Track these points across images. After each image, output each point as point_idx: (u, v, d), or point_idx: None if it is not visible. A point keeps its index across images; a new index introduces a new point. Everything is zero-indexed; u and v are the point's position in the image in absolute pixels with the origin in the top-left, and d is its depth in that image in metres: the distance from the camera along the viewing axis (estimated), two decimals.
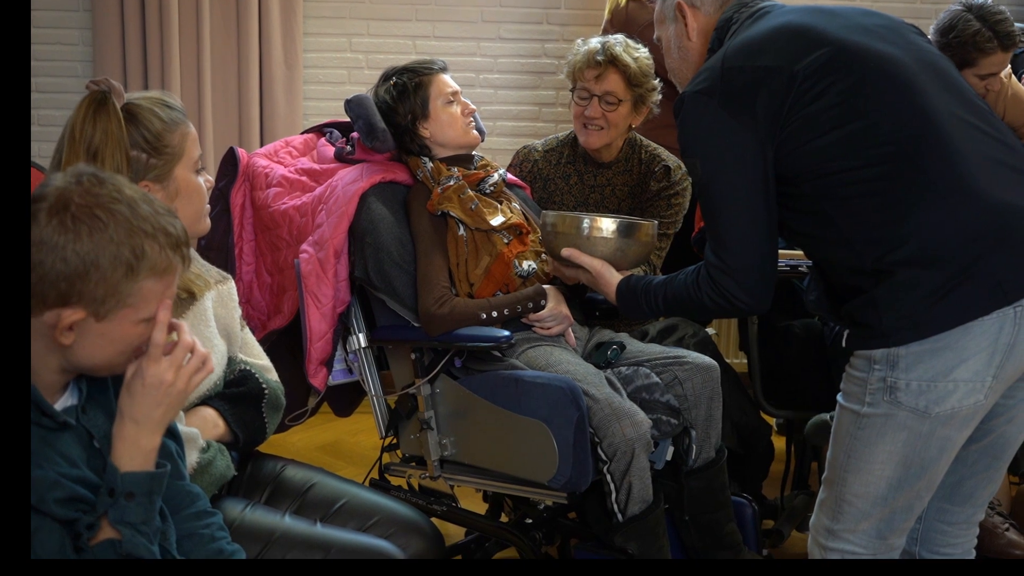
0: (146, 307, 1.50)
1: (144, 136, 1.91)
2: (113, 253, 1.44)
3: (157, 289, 1.50)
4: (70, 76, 4.36)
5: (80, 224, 1.44)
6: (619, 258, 2.43)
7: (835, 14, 2.03)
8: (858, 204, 1.88)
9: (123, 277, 1.46)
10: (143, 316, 1.50)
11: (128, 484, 1.51)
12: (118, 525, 1.50)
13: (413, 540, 2.05)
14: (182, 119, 1.97)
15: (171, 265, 1.51)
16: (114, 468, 1.51)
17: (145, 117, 1.92)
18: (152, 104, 1.95)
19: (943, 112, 1.89)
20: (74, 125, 1.84)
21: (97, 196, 1.46)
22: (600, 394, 2.45)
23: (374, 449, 2.84)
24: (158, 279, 1.49)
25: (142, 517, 1.51)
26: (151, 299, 1.50)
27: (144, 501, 1.52)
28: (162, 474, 1.55)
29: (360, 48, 4.50)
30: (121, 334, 1.50)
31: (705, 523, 2.65)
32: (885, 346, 1.84)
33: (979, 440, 2.00)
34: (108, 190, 1.48)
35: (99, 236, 1.44)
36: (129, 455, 1.52)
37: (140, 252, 1.46)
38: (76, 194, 1.46)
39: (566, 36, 4.52)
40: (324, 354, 2.66)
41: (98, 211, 1.45)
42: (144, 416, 1.53)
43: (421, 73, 2.79)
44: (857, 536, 1.98)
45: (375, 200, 2.69)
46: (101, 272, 1.44)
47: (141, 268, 1.47)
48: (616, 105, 3.00)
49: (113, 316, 1.47)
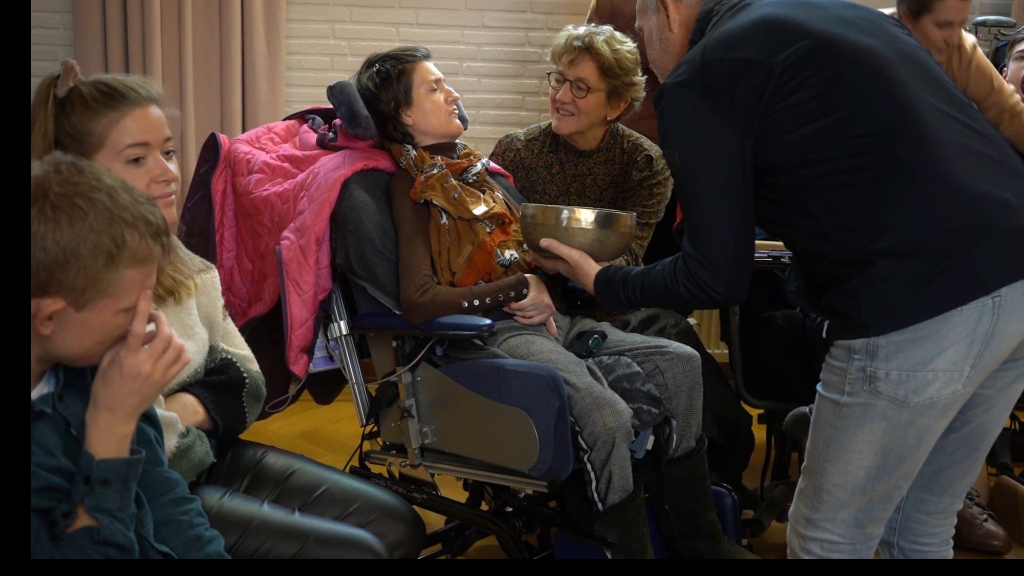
0: (126, 297, 1.49)
1: (70, 123, 1.85)
2: (93, 242, 1.43)
3: (137, 278, 1.49)
4: (51, 60, 4.31)
5: (60, 213, 1.42)
6: (598, 249, 2.43)
7: (816, 6, 2.03)
8: (837, 195, 1.89)
9: (103, 266, 1.44)
10: (123, 306, 1.49)
11: (104, 471, 1.50)
12: (95, 512, 1.49)
13: (394, 527, 2.05)
14: (119, 103, 1.86)
15: (151, 254, 1.50)
16: (89, 456, 1.51)
17: (75, 103, 1.85)
18: (93, 86, 1.87)
19: (921, 103, 1.90)
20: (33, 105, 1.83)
21: (76, 185, 1.45)
22: (581, 383, 2.45)
23: (355, 437, 2.84)
24: (138, 268, 1.49)
25: (118, 504, 1.51)
26: (131, 288, 1.49)
27: (120, 488, 1.51)
28: (137, 460, 1.55)
29: (343, 35, 4.49)
30: (100, 323, 1.49)
31: (685, 512, 2.66)
32: (865, 336, 1.85)
33: (957, 430, 2.01)
34: (87, 178, 1.47)
35: (79, 225, 1.43)
36: (104, 442, 1.52)
37: (121, 241, 1.45)
38: (55, 183, 1.44)
39: (550, 25, 4.51)
40: (305, 341, 2.66)
41: (78, 200, 1.44)
42: (119, 405, 1.52)
43: (404, 60, 2.78)
44: (836, 525, 1.99)
45: (357, 187, 2.69)
46: (81, 261, 1.43)
47: (122, 257, 1.46)
48: (586, 92, 2.98)
49: (93, 306, 1.46)
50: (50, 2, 4.29)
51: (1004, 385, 1.99)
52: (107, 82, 1.89)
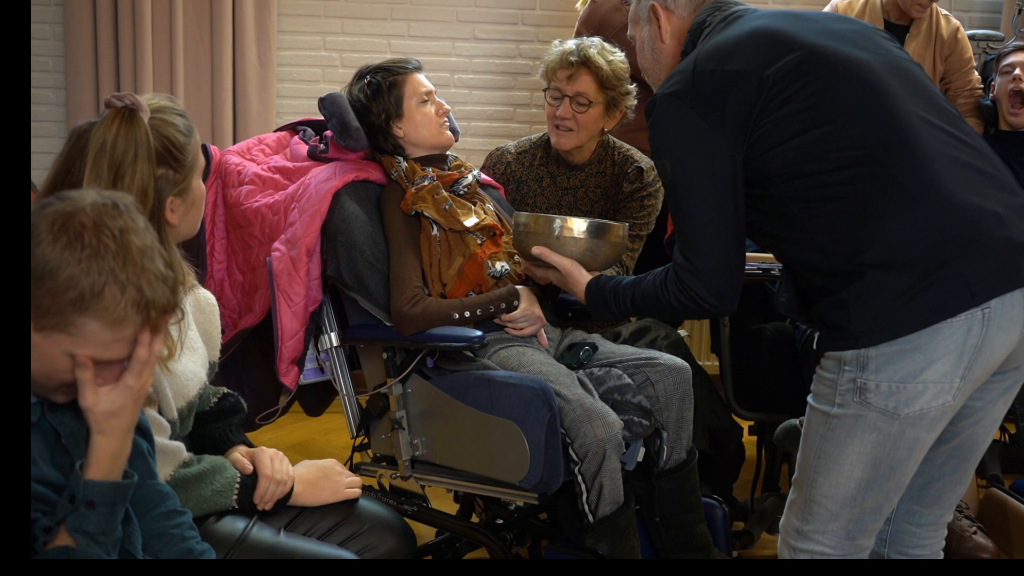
0: (83, 345, 1.43)
1: (170, 151, 1.83)
2: (72, 275, 1.39)
3: (103, 336, 1.43)
4: (42, 71, 4.33)
5: (63, 234, 1.40)
6: (589, 258, 2.43)
7: (807, 19, 2.05)
8: (827, 207, 1.89)
9: (70, 304, 1.40)
10: (76, 351, 1.43)
11: (90, 492, 1.46)
12: (74, 533, 1.45)
13: (386, 538, 2.05)
14: (193, 126, 1.90)
15: (125, 320, 1.43)
16: (78, 474, 1.47)
17: (168, 131, 1.83)
18: (169, 115, 1.86)
19: (911, 116, 1.91)
20: (103, 141, 1.74)
21: (100, 224, 1.42)
22: (572, 395, 2.45)
23: (345, 449, 2.83)
24: (106, 327, 1.42)
25: (101, 527, 1.47)
26: (92, 341, 1.43)
27: (105, 511, 1.47)
28: (127, 485, 1.51)
29: (334, 47, 4.49)
30: (48, 355, 1.43)
31: (676, 524, 2.66)
32: (855, 347, 1.85)
33: (947, 442, 2.02)
34: (115, 223, 1.43)
35: (70, 254, 1.40)
36: (95, 461, 1.48)
37: (96, 291, 1.40)
38: (90, 211, 1.42)
39: (541, 37, 4.52)
40: (295, 353, 2.65)
41: (87, 234, 1.41)
42: (114, 428, 1.49)
43: (395, 72, 2.78)
44: (826, 537, 1.99)
45: (348, 199, 2.69)
46: (53, 285, 1.39)
47: (90, 306, 1.40)
48: (587, 107, 3.00)
49: (48, 334, 1.42)
50: (41, 13, 4.29)
51: (993, 397, 1.99)
52: (175, 107, 1.90)
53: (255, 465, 2.02)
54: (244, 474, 1.99)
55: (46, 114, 4.34)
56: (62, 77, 4.33)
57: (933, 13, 3.95)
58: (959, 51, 3.99)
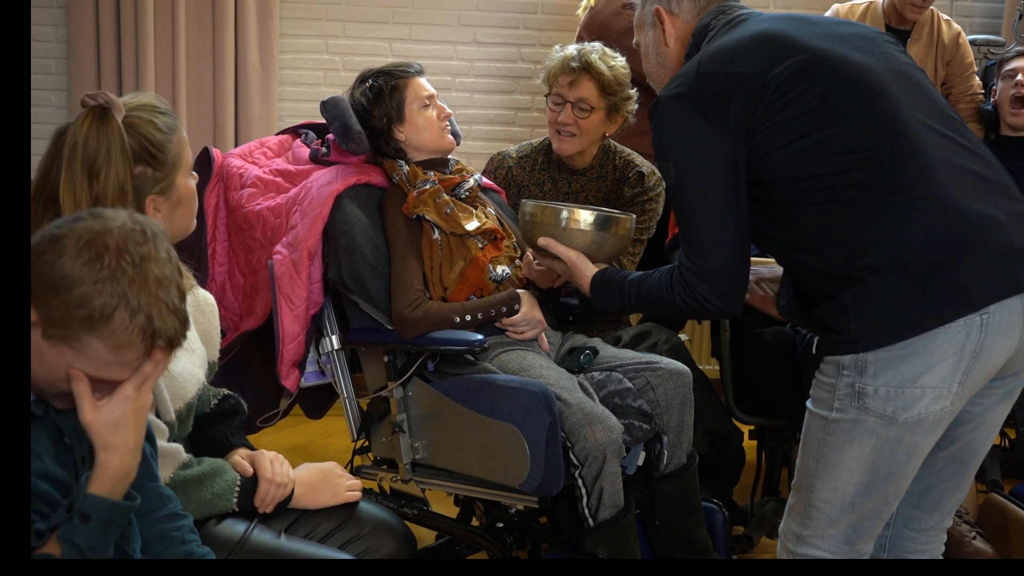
0: (85, 362, 1.43)
1: (147, 149, 1.82)
2: (86, 293, 1.40)
3: (105, 358, 1.43)
4: (44, 73, 4.33)
5: (86, 252, 1.40)
6: (595, 251, 2.42)
7: (811, 23, 2.05)
8: (827, 210, 1.90)
9: (79, 320, 1.40)
10: (78, 365, 1.43)
11: (88, 506, 1.45)
12: (63, 543, 1.44)
13: (386, 541, 2.05)
14: (176, 124, 1.89)
15: (131, 345, 1.43)
16: (82, 486, 1.47)
17: (145, 128, 1.82)
18: (148, 113, 1.85)
19: (913, 120, 1.91)
20: (75, 141, 1.73)
21: (124, 247, 1.42)
22: (572, 399, 2.45)
23: (346, 452, 2.84)
24: (110, 350, 1.42)
25: (91, 543, 1.46)
26: (94, 360, 1.43)
27: (99, 528, 1.46)
28: (127, 507, 1.50)
29: (336, 50, 4.50)
30: (52, 363, 1.44)
31: (675, 528, 2.66)
32: (853, 352, 1.86)
33: (946, 447, 2.02)
34: (139, 249, 1.43)
35: (87, 271, 1.40)
36: (99, 478, 1.47)
37: (107, 313, 1.40)
38: (116, 233, 1.42)
39: (543, 41, 4.53)
40: (296, 356, 2.66)
41: (107, 255, 1.41)
42: (117, 444, 1.48)
43: (397, 76, 2.79)
44: (825, 542, 1.99)
45: (350, 202, 2.69)
46: (67, 298, 1.40)
47: (97, 327, 1.40)
48: (589, 112, 3.00)
49: (54, 344, 1.42)
50: (43, 15, 4.30)
51: (993, 402, 1.99)
52: (157, 105, 1.89)
53: (255, 468, 2.02)
54: (244, 477, 1.99)
55: (48, 116, 4.34)
56: (64, 79, 4.34)
57: (934, 18, 3.95)
58: (960, 56, 3.99)
